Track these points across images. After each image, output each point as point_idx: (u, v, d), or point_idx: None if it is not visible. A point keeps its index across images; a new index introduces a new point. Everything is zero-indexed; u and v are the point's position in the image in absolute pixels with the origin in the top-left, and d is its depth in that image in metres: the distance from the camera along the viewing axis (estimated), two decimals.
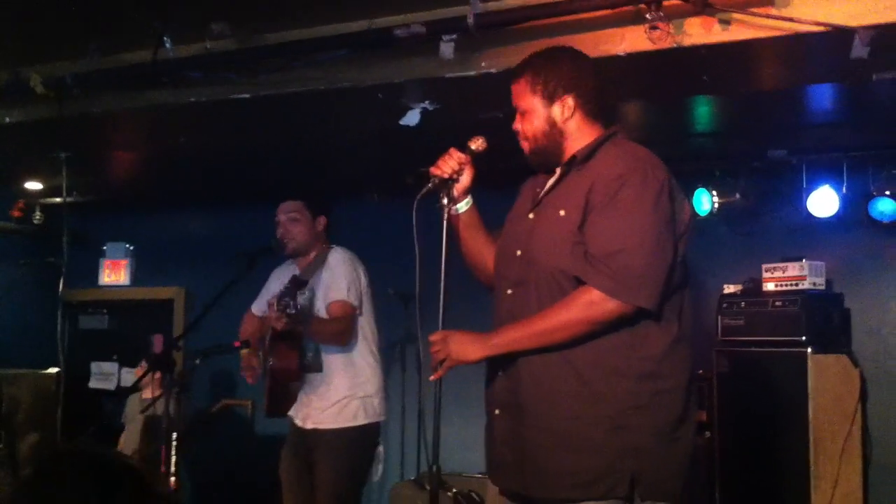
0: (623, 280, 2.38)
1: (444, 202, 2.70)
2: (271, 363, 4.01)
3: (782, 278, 5.20)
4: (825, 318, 5.11)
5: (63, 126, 4.32)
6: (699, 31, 3.33)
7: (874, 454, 5.14)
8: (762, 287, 5.25)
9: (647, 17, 3.23)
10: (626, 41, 3.41)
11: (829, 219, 5.32)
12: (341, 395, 4.06)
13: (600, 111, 2.66)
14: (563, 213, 2.51)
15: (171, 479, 3.82)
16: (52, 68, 4.28)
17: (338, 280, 4.08)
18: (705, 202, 5.53)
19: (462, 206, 2.74)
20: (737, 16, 3.26)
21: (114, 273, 7.73)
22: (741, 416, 5.16)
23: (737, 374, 5.19)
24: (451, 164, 2.67)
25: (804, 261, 5.16)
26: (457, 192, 2.71)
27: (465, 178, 2.71)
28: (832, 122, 4.79)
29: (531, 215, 2.63)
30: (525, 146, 2.67)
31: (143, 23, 3.86)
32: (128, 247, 7.69)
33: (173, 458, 3.84)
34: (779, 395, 5.02)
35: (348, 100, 4.13)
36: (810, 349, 4.93)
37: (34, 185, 6.66)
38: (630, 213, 2.42)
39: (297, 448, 4.16)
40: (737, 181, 5.53)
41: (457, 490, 5.10)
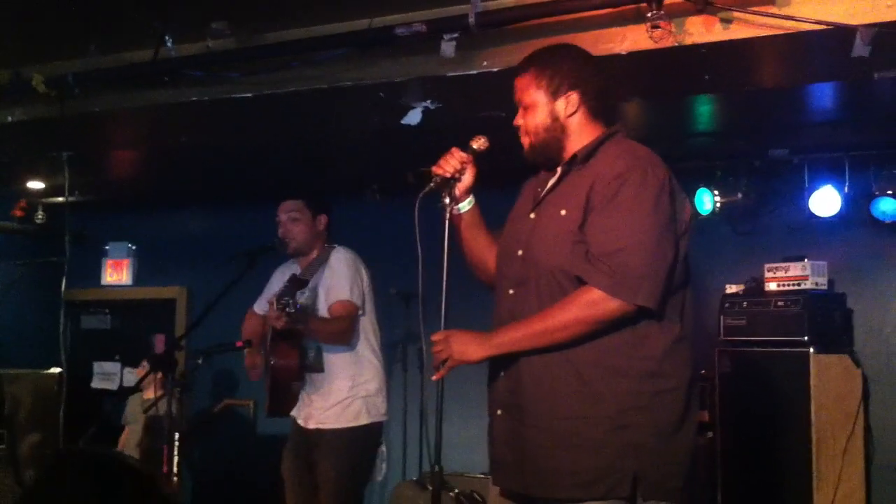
0: (624, 279, 2.37)
1: (446, 202, 2.69)
2: (272, 362, 4.01)
3: (784, 278, 5.19)
4: (827, 318, 5.11)
5: (64, 125, 4.32)
6: (700, 30, 3.33)
7: (876, 454, 5.14)
8: (764, 287, 5.24)
9: (648, 15, 3.23)
10: (628, 40, 3.41)
11: (830, 218, 5.31)
12: (344, 394, 4.06)
13: (603, 110, 2.65)
14: (563, 212, 2.50)
15: (173, 478, 3.82)
16: (53, 67, 4.29)
17: (340, 280, 4.08)
18: (707, 202, 5.53)
19: (464, 205, 2.73)
20: (738, 14, 3.26)
21: (116, 273, 7.74)
22: (743, 416, 5.16)
23: (739, 374, 5.18)
24: (453, 163, 2.66)
25: (806, 260, 5.16)
26: (459, 192, 2.70)
27: (467, 178, 2.70)
28: (833, 121, 4.78)
29: (532, 215, 2.62)
30: (525, 141, 2.65)
31: (143, 22, 3.86)
32: (130, 246, 7.69)
33: (175, 458, 3.84)
34: (781, 395, 5.02)
35: (349, 99, 4.13)
36: (812, 349, 4.93)
37: (36, 185, 6.66)
38: (630, 213, 2.41)
39: (300, 448, 4.16)
40: (738, 181, 5.52)
41: (459, 490, 5.09)
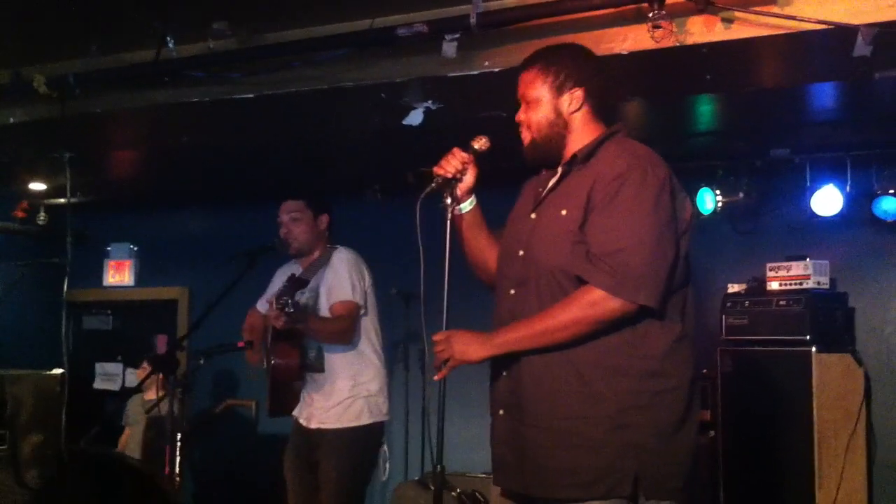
0: (624, 278, 2.37)
1: (447, 202, 2.68)
2: (273, 362, 4.02)
3: (786, 277, 5.19)
4: (829, 318, 5.11)
5: (65, 126, 4.32)
6: (701, 30, 3.33)
7: (878, 453, 5.14)
8: (766, 286, 5.24)
9: (650, 15, 3.23)
10: (629, 40, 3.41)
11: (832, 218, 5.31)
12: (345, 394, 4.06)
13: (605, 110, 2.65)
14: (564, 212, 2.50)
15: (175, 478, 3.83)
16: (54, 68, 4.29)
17: (342, 279, 4.08)
18: (708, 201, 5.53)
19: (465, 205, 2.73)
20: (739, 14, 3.26)
21: (118, 273, 7.74)
22: (745, 416, 5.16)
23: (740, 374, 5.18)
24: (455, 163, 2.66)
25: (808, 260, 5.16)
26: (460, 192, 2.69)
27: (469, 178, 2.69)
28: (835, 120, 4.78)
29: (533, 215, 2.61)
30: (526, 137, 2.64)
31: (144, 23, 3.86)
32: (132, 247, 7.70)
33: (177, 458, 3.85)
34: (783, 395, 5.01)
35: (350, 99, 4.13)
36: (814, 348, 4.93)
37: (38, 186, 6.67)
38: (631, 212, 2.41)
39: (301, 448, 4.16)
40: (740, 180, 5.52)
41: (461, 490, 5.09)
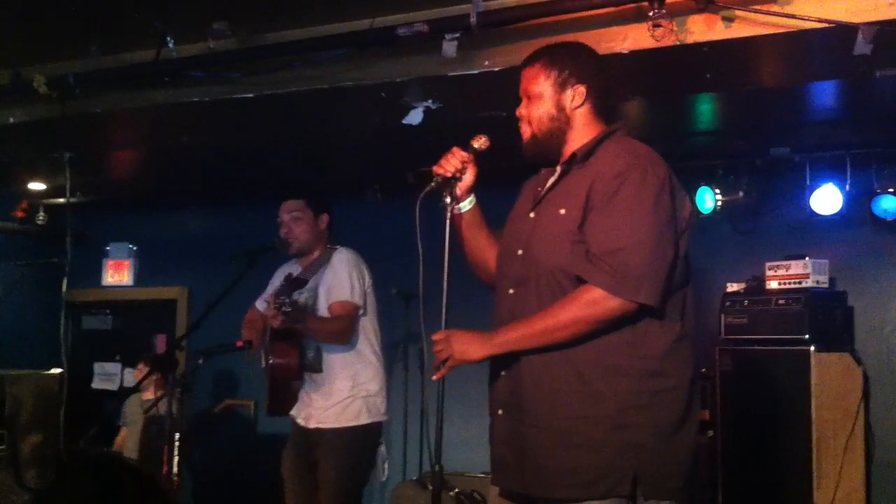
0: (624, 278, 2.36)
1: (447, 201, 2.68)
2: (272, 361, 4.02)
3: (785, 276, 5.19)
4: (828, 317, 5.10)
5: (65, 126, 4.32)
6: (702, 29, 3.33)
7: (877, 452, 5.14)
8: (765, 285, 5.24)
9: (650, 14, 3.23)
10: (629, 39, 3.41)
11: (832, 216, 5.31)
12: (345, 394, 4.06)
13: (606, 109, 2.65)
14: (563, 211, 2.50)
15: (174, 479, 3.82)
16: (54, 68, 4.29)
17: (341, 280, 4.08)
18: (708, 200, 5.52)
19: (465, 205, 2.73)
20: (739, 13, 3.26)
21: (117, 273, 7.74)
22: (744, 415, 5.16)
23: (739, 373, 5.18)
24: (454, 162, 2.66)
25: (807, 259, 5.16)
26: (460, 191, 2.70)
27: (468, 177, 2.69)
28: (835, 119, 4.78)
29: (532, 214, 2.61)
30: (526, 132, 2.64)
31: (144, 23, 3.86)
32: (131, 247, 7.70)
33: (175, 458, 3.84)
34: (781, 394, 5.01)
35: (350, 99, 4.13)
36: (813, 347, 4.92)
37: (37, 186, 6.67)
38: (630, 211, 2.41)
39: (300, 448, 4.16)
40: (739, 179, 5.52)
41: (459, 490, 5.09)
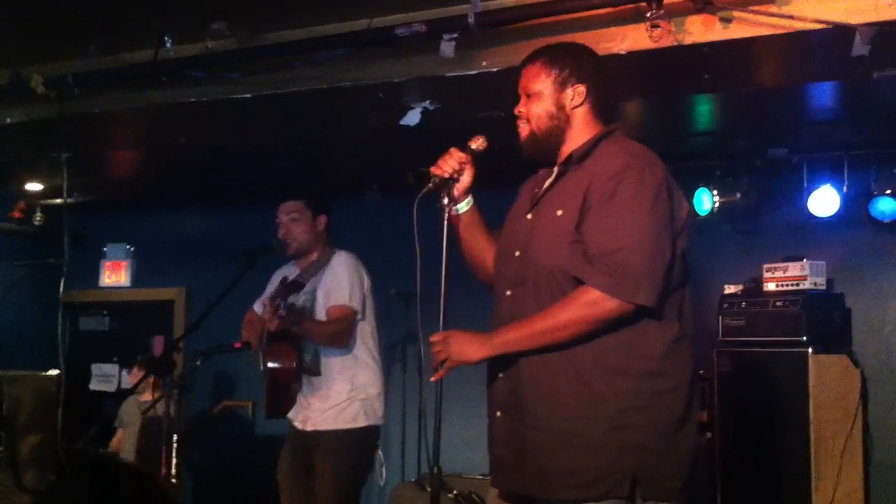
0: (622, 278, 2.36)
1: (444, 202, 2.68)
2: (270, 364, 4.01)
3: (783, 278, 5.19)
4: (826, 318, 5.10)
5: (64, 126, 4.31)
6: (700, 29, 3.33)
7: (875, 454, 5.14)
8: (763, 287, 5.24)
9: (648, 15, 3.23)
10: (627, 39, 3.41)
11: (829, 218, 5.31)
12: (342, 397, 4.05)
13: (605, 110, 2.66)
14: (560, 212, 2.50)
15: (172, 480, 3.82)
16: (52, 68, 4.28)
17: (340, 283, 4.08)
18: (706, 201, 5.52)
19: (463, 205, 2.73)
20: (738, 14, 3.26)
21: (114, 274, 7.73)
22: (742, 417, 5.15)
23: (737, 375, 5.18)
24: (452, 163, 2.66)
25: (805, 260, 5.15)
26: (457, 192, 2.70)
27: (466, 178, 2.70)
28: (833, 120, 4.78)
29: (529, 215, 2.62)
30: (524, 130, 2.64)
31: (143, 22, 3.86)
32: (128, 248, 7.68)
33: (174, 460, 3.84)
34: (780, 395, 5.01)
35: (349, 99, 4.13)
36: (811, 349, 4.92)
37: (35, 186, 6.66)
38: (628, 212, 2.41)
39: (297, 450, 4.15)
40: (738, 180, 5.52)
41: (458, 491, 5.08)
